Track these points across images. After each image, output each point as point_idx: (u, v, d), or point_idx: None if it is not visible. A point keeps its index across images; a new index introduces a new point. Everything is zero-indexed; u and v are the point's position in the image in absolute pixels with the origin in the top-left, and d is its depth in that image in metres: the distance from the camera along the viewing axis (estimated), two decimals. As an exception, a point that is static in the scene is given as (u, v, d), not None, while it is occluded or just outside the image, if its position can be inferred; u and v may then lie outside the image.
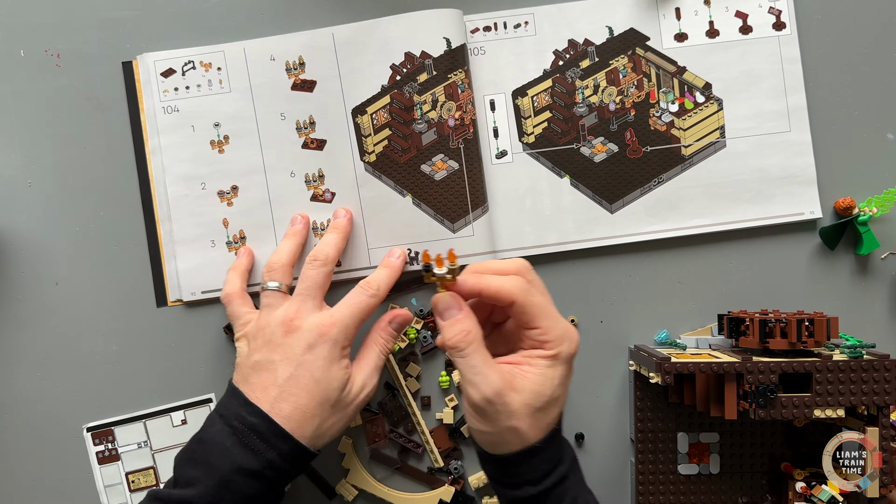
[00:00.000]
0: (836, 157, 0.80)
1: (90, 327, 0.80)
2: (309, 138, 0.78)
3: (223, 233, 0.79)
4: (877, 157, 0.80)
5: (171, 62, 0.78)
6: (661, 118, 0.79)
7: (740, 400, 0.69)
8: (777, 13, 0.78)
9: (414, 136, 0.77)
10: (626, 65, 0.79)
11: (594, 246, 0.79)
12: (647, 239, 0.79)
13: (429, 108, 0.77)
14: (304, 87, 0.78)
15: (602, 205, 0.79)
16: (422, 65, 0.77)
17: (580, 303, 0.80)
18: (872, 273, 0.81)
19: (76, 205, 0.80)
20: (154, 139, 0.78)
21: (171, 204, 0.78)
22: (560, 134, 0.79)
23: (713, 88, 0.79)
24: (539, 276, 0.65)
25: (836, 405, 0.68)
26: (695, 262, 0.80)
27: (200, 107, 0.78)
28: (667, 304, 0.80)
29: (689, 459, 0.77)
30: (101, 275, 0.80)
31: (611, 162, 0.79)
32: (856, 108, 0.80)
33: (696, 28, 0.78)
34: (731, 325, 0.74)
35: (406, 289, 0.80)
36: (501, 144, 0.79)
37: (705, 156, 0.79)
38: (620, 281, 0.80)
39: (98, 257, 0.80)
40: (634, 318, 0.80)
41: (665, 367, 0.68)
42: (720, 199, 0.79)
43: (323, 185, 0.78)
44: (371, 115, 0.78)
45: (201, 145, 0.78)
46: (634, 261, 0.80)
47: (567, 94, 0.79)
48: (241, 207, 0.78)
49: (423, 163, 0.77)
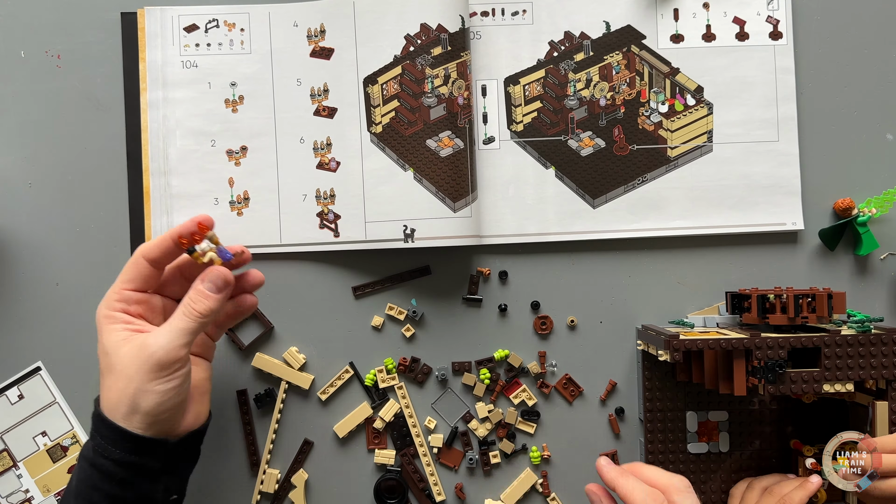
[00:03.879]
0: (836, 157, 0.79)
1: (90, 327, 0.81)
2: (321, 105, 0.81)
3: (228, 192, 0.82)
4: (876, 158, 0.80)
5: (196, 18, 0.81)
6: (650, 118, 0.79)
7: (749, 376, 0.69)
8: (775, 22, 0.78)
9: (422, 109, 0.79)
10: (620, 61, 0.80)
11: (574, 239, 0.80)
12: (627, 237, 0.80)
13: (440, 82, 0.79)
14: (322, 55, 0.81)
15: (585, 199, 0.80)
16: (437, 38, 0.78)
17: (585, 291, 0.81)
18: (872, 273, 0.80)
19: (76, 205, 0.81)
20: (157, 91, 0.81)
21: (178, 158, 0.81)
22: (549, 125, 0.80)
23: (704, 92, 0.79)
24: None
25: (845, 379, 0.69)
26: (682, 262, 0.80)
27: (220, 65, 0.81)
28: (667, 300, 0.81)
29: (699, 438, 0.78)
30: (101, 275, 0.81)
31: (597, 157, 0.80)
32: (855, 109, 0.79)
33: (692, 30, 0.79)
34: (735, 302, 0.75)
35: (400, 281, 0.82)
36: (490, 130, 0.81)
37: (691, 158, 0.79)
38: (620, 276, 0.81)
39: (98, 257, 0.81)
40: (638, 310, 0.81)
41: (674, 344, 0.69)
42: (703, 202, 0.79)
43: (330, 153, 0.81)
44: (381, 86, 0.80)
45: (216, 103, 0.81)
46: (619, 259, 0.81)
47: (559, 85, 0.80)
48: (248, 168, 0.82)
49: (429, 137, 0.79)
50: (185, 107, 0.82)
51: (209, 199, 0.82)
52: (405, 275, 0.81)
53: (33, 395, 0.82)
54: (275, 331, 0.82)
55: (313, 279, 0.82)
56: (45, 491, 0.82)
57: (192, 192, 0.81)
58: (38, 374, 0.82)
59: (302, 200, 0.81)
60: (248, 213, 0.82)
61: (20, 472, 0.82)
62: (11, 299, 0.82)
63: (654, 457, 0.77)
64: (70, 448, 0.82)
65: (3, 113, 0.82)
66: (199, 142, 0.82)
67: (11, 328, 0.82)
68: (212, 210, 0.81)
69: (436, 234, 0.78)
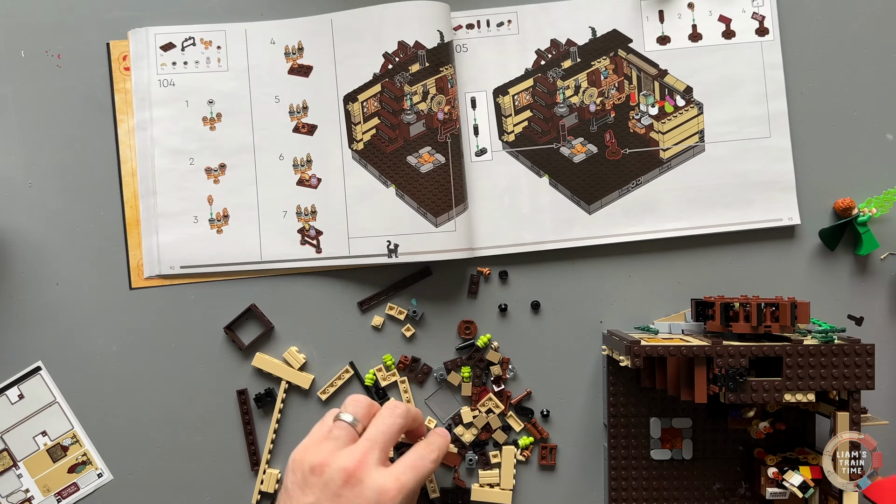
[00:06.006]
0: (836, 157, 0.79)
1: (90, 327, 0.81)
2: (300, 122, 0.80)
3: (207, 209, 0.80)
4: (876, 158, 0.79)
5: (172, 36, 0.81)
6: (641, 121, 0.79)
7: (710, 384, 0.68)
8: (760, 19, 0.78)
9: (402, 126, 0.79)
10: (608, 66, 0.79)
11: (571, 246, 0.79)
12: (624, 241, 0.78)
13: (419, 99, 0.78)
14: (300, 72, 0.81)
15: (580, 205, 0.79)
16: (415, 55, 0.78)
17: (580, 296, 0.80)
18: (872, 273, 0.79)
19: (76, 205, 0.81)
20: (145, 112, 0.80)
21: (158, 177, 0.80)
22: (540, 133, 0.79)
23: (694, 92, 0.79)
24: None
25: (807, 389, 0.67)
26: (679, 263, 0.79)
27: (197, 83, 0.81)
28: (652, 304, 0.79)
29: (662, 445, 0.76)
30: (101, 275, 0.81)
31: (590, 163, 0.79)
32: (855, 109, 0.79)
33: (678, 31, 0.79)
34: (699, 310, 0.74)
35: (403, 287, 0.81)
36: (481, 142, 0.80)
37: (684, 159, 0.78)
38: (604, 281, 0.80)
39: (98, 257, 0.81)
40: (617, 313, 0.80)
41: (635, 350, 0.68)
42: (698, 203, 0.78)
43: (310, 170, 0.80)
44: (362, 103, 0.79)
45: (193, 121, 0.80)
46: (616, 263, 0.79)
47: (548, 93, 0.79)
48: (227, 185, 0.80)
49: (409, 154, 0.78)
50: (164, 125, 0.80)
51: (188, 218, 0.80)
52: (407, 279, 0.80)
53: (33, 395, 0.82)
54: (275, 331, 0.82)
55: (314, 282, 0.81)
56: (45, 491, 0.82)
57: (172, 211, 0.80)
58: (38, 374, 0.82)
59: (282, 217, 0.80)
60: (228, 230, 0.80)
61: (20, 471, 0.82)
62: (11, 299, 0.82)
63: (616, 462, 0.76)
64: (70, 448, 0.81)
65: (4, 113, 0.82)
66: (178, 160, 0.80)
67: (11, 328, 0.82)
68: (191, 228, 0.80)
69: (419, 249, 0.77)
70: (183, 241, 0.80)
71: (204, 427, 0.81)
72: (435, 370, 0.80)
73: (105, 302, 0.81)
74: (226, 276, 0.80)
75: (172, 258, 0.80)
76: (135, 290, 0.80)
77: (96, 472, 0.81)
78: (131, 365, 0.81)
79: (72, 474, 0.81)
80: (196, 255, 0.80)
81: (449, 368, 0.80)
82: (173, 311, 0.80)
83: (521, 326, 0.80)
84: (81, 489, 0.81)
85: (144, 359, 0.81)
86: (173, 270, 0.80)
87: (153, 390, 0.80)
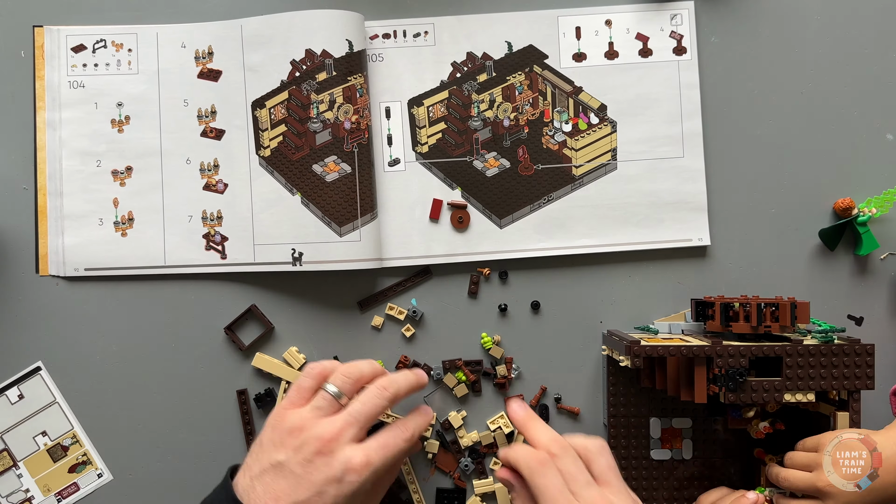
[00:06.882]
0: (836, 156, 0.79)
1: (90, 327, 0.80)
2: (209, 127, 0.79)
3: (112, 212, 0.79)
4: (876, 158, 0.79)
5: (84, 38, 0.80)
6: (554, 137, 0.78)
7: (710, 384, 0.68)
8: (679, 38, 0.78)
9: (308, 134, 0.77)
10: (523, 81, 0.78)
11: (481, 259, 0.78)
12: (534, 255, 0.77)
13: (325, 108, 0.77)
14: (209, 76, 0.79)
15: (492, 219, 0.77)
16: (322, 63, 0.77)
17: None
18: (872, 273, 0.79)
19: None
20: (55, 112, 0.79)
21: (65, 178, 0.79)
22: (454, 146, 0.78)
23: (608, 110, 0.78)
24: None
25: (807, 389, 0.68)
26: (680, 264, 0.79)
27: (107, 85, 0.79)
28: (652, 304, 0.79)
29: (662, 444, 0.76)
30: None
31: (502, 177, 0.78)
32: (855, 109, 0.79)
33: (595, 48, 0.78)
34: (699, 310, 0.73)
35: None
36: (395, 152, 0.79)
37: (596, 177, 0.77)
38: (604, 281, 0.79)
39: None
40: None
41: (635, 350, 0.68)
42: (609, 220, 0.77)
43: (217, 174, 0.79)
44: (269, 110, 0.78)
45: (102, 123, 0.79)
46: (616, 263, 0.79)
47: (463, 106, 0.78)
48: (133, 188, 0.79)
49: (315, 162, 0.77)
50: (72, 127, 0.79)
51: (94, 220, 0.79)
52: (407, 279, 0.79)
53: (33, 395, 0.81)
54: (275, 331, 0.81)
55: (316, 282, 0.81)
56: (45, 490, 0.81)
57: (77, 213, 0.79)
58: (38, 374, 0.82)
59: (188, 221, 0.78)
60: (133, 233, 0.79)
61: (20, 471, 0.82)
62: (11, 299, 0.81)
63: (616, 461, 0.73)
64: (70, 448, 0.81)
65: (4, 113, 0.81)
66: (85, 162, 0.79)
67: (11, 328, 0.81)
68: (96, 231, 0.79)
69: (323, 258, 0.76)
70: (87, 243, 0.78)
71: (204, 427, 0.80)
72: (435, 370, 0.79)
73: (106, 301, 0.79)
74: (131, 280, 0.79)
75: (77, 260, 0.78)
76: (121, 285, 0.79)
77: (96, 472, 0.80)
78: (131, 365, 0.80)
79: (72, 474, 0.80)
80: (100, 257, 0.78)
81: (447, 368, 0.79)
82: (173, 311, 0.79)
83: (521, 326, 0.79)
84: (81, 489, 0.80)
85: (145, 359, 0.80)
86: (77, 273, 0.78)
87: (153, 390, 0.80)
